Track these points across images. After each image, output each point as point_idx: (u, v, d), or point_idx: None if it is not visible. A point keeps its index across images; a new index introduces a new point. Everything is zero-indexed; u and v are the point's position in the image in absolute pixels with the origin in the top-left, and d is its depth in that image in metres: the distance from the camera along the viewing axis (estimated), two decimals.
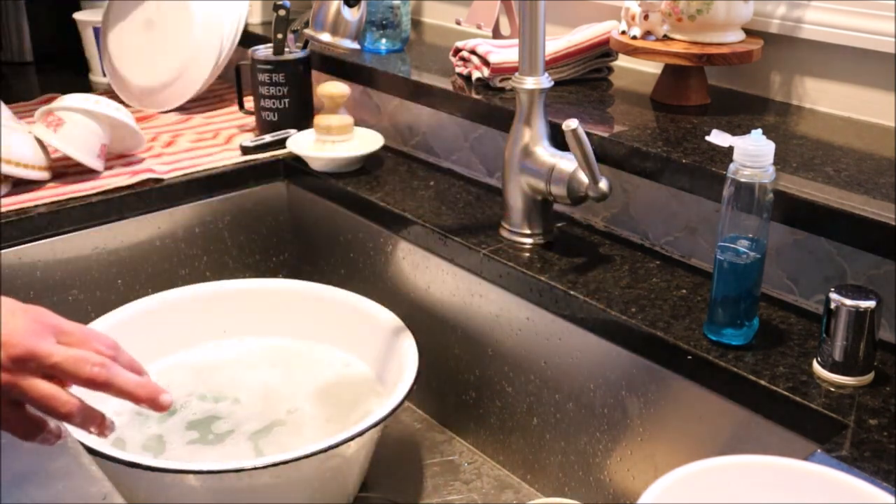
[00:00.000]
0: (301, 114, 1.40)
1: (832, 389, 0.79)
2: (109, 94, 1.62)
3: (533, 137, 1.03)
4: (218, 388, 1.11)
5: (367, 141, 1.31)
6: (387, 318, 1.11)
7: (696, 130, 1.06)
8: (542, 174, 1.01)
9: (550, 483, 1.06)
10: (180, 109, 1.56)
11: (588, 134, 0.97)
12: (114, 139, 1.29)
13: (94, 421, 0.69)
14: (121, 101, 1.57)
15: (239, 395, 1.09)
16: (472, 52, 1.26)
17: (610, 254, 1.04)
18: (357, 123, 1.34)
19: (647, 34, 1.14)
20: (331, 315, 1.17)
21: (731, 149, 0.81)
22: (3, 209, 1.14)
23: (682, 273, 1.00)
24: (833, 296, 0.78)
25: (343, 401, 1.09)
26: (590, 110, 1.15)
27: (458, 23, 1.45)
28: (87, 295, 1.21)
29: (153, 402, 0.70)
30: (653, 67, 1.26)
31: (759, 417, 0.81)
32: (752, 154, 0.79)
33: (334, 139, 1.29)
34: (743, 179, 0.80)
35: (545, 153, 1.02)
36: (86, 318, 1.11)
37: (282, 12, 1.35)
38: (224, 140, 1.43)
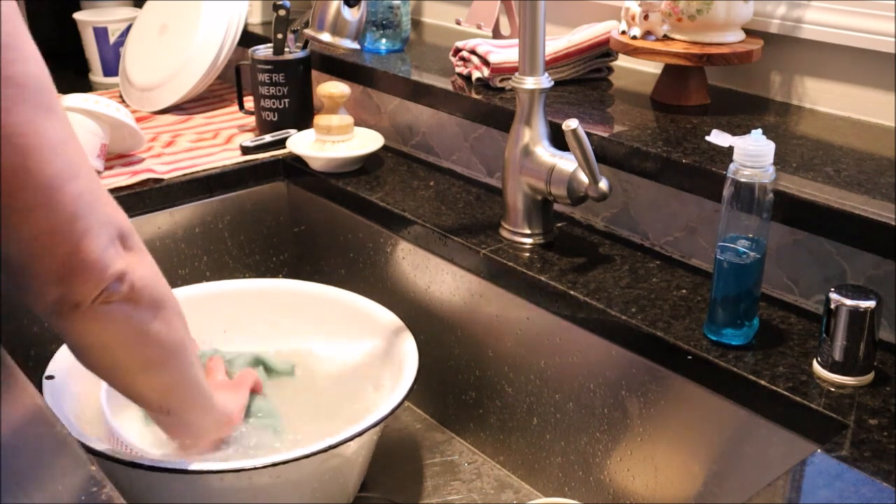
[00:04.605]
0: (301, 114, 1.40)
1: (832, 389, 0.79)
2: (109, 94, 1.62)
3: (533, 137, 1.02)
4: None
5: (367, 141, 1.31)
6: (387, 318, 1.11)
7: (696, 130, 1.06)
8: (542, 174, 1.01)
9: (550, 483, 1.06)
10: (180, 109, 1.56)
11: (588, 134, 0.97)
12: (114, 139, 1.29)
13: None
14: (122, 102, 1.57)
15: None
16: (472, 52, 1.26)
17: (610, 254, 1.04)
18: (357, 123, 1.34)
19: (647, 34, 1.14)
20: (331, 315, 1.16)
21: (731, 149, 0.81)
22: None
23: (682, 273, 1.00)
24: (833, 296, 0.78)
25: (343, 400, 1.09)
26: (590, 110, 1.15)
27: (458, 23, 1.45)
28: None
29: None
30: (653, 67, 1.25)
31: (759, 417, 0.81)
32: (752, 154, 0.79)
33: (334, 139, 1.29)
34: (743, 179, 0.80)
35: (545, 153, 1.02)
36: None
37: (282, 12, 1.35)
38: (224, 140, 1.42)
